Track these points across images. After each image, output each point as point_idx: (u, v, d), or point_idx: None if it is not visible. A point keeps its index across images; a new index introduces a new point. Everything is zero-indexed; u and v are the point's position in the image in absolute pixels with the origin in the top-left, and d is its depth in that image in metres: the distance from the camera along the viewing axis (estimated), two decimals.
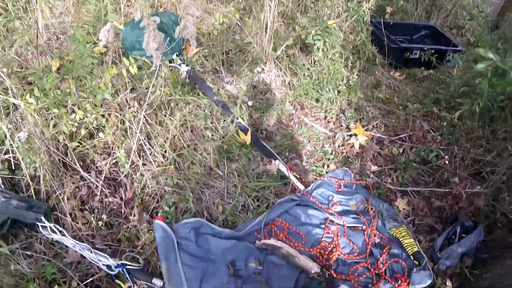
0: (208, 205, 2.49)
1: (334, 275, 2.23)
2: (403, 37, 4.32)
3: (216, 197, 2.53)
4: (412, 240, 2.38)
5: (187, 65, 3.13)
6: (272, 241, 2.28)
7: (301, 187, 2.67)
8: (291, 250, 2.26)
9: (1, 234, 2.11)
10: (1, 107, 2.26)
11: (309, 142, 3.06)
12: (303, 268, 2.21)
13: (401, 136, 2.99)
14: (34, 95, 2.22)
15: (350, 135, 3.04)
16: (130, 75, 2.46)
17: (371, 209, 2.54)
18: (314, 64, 3.58)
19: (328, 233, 2.43)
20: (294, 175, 2.72)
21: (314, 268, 2.20)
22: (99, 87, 2.40)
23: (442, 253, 2.28)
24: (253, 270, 2.22)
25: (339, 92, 3.40)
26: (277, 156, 2.82)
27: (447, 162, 2.68)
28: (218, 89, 3.19)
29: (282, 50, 3.41)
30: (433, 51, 3.73)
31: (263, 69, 3.34)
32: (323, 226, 2.46)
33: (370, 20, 4.05)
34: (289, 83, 3.42)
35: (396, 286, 2.19)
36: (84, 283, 2.07)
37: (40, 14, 1.74)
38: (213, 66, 3.32)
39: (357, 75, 3.60)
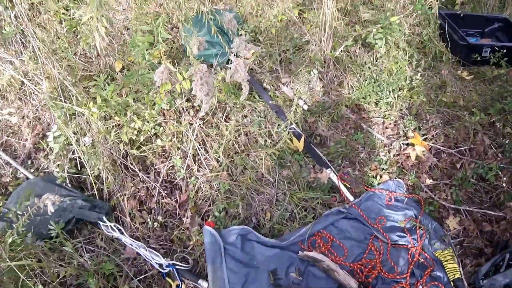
0: (256, 211, 2.59)
1: None
2: (474, 30, 4.01)
3: (265, 204, 2.62)
4: (455, 265, 2.32)
5: None
6: (313, 254, 2.34)
7: (351, 198, 2.67)
8: (331, 264, 2.30)
9: (67, 230, 2.37)
10: (67, 114, 2.48)
11: (364, 149, 2.99)
12: (342, 283, 2.26)
13: (460, 148, 2.84)
14: (97, 104, 2.41)
15: (407, 144, 2.94)
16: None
17: (419, 227, 2.49)
18: (375, 62, 3.45)
19: (371, 249, 2.43)
20: (345, 185, 2.72)
21: (352, 284, 2.24)
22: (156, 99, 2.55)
23: (484, 282, 2.21)
24: (293, 280, 2.30)
25: (399, 96, 3.27)
26: (329, 164, 2.81)
27: (504, 184, 2.52)
28: (275, 90, 3.21)
29: (341, 50, 3.33)
30: (505, 50, 3.43)
31: (320, 71, 3.29)
32: (367, 241, 2.47)
33: (438, 12, 3.78)
34: (347, 84, 3.35)
35: None
36: (138, 278, 2.29)
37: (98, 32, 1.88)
38: (269, 66, 3.33)
39: (421, 75, 3.41)
